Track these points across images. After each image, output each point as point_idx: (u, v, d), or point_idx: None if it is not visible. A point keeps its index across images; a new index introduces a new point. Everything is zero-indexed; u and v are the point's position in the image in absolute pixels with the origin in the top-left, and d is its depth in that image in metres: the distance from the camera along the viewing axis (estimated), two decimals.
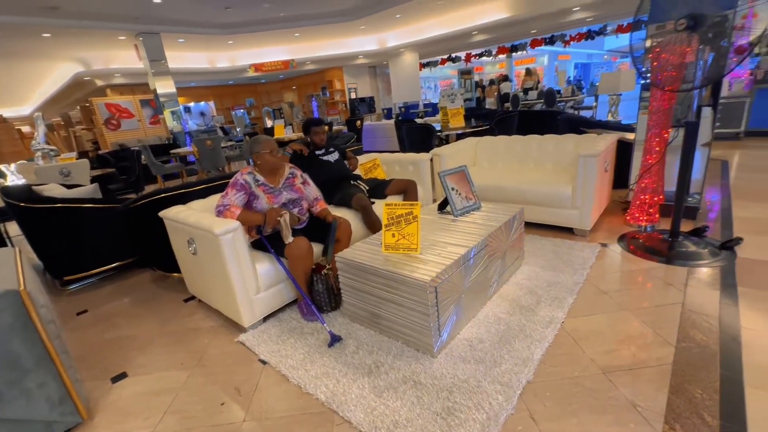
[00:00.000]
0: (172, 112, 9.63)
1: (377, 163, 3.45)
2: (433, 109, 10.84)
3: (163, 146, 8.87)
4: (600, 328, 1.83)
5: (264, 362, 1.85)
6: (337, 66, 14.37)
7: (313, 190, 2.43)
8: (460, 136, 5.08)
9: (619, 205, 3.33)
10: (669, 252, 2.44)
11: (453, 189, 2.36)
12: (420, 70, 13.86)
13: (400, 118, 10.61)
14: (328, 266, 2.14)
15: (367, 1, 8.68)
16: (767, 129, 5.52)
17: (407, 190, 2.94)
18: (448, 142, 5.39)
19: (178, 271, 2.61)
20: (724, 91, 5.21)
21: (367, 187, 2.94)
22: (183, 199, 2.53)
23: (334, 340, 1.89)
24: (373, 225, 2.62)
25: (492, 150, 3.73)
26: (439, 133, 4.91)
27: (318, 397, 1.58)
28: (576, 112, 8.84)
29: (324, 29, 10.39)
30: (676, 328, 1.76)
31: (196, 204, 2.41)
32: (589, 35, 10.31)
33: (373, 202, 2.74)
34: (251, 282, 2.03)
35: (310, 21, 9.65)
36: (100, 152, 10.28)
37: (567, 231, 2.94)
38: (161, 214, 2.34)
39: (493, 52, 12.49)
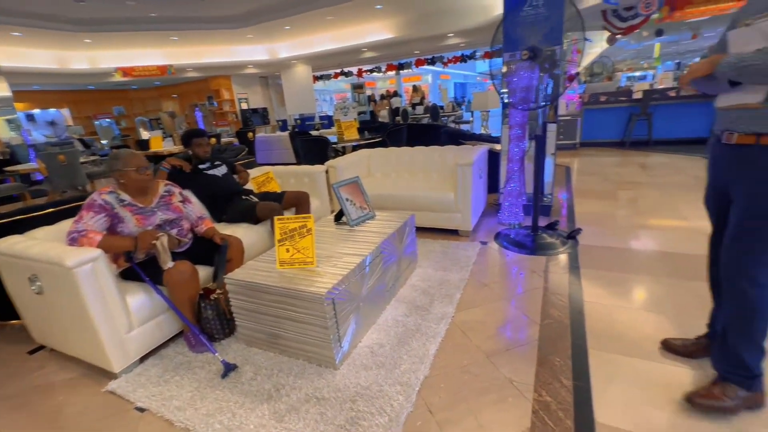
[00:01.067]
0: (8, 121, 7.82)
1: (270, 176, 3.32)
2: (329, 121, 10.92)
3: None
4: (483, 317, 2.06)
5: (142, 410, 1.60)
6: (225, 75, 13.49)
7: (195, 209, 2.21)
8: (355, 148, 5.22)
9: (494, 207, 3.82)
10: (532, 245, 2.88)
11: (347, 200, 2.41)
12: (314, 82, 13.88)
13: (296, 129, 10.44)
14: (218, 290, 1.97)
15: (252, 10, 8.39)
16: (594, 140, 6.98)
17: (300, 203, 2.89)
18: (345, 154, 5.49)
19: (18, 316, 2.10)
20: (563, 110, 6.42)
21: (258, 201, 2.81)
22: (20, 227, 2.06)
23: (228, 369, 1.74)
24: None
25: (384, 161, 3.92)
26: (335, 145, 4.97)
27: None
28: (457, 126, 9.89)
29: (207, 35, 9.68)
30: (539, 308, 2.08)
31: (40, 232, 1.98)
32: (463, 59, 11.68)
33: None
34: (121, 319, 1.75)
35: (188, 25, 8.89)
36: None
37: (453, 233, 3.25)
38: None
39: (383, 69, 13.21)
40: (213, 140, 6.26)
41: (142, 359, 1.90)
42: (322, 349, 1.71)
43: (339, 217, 2.50)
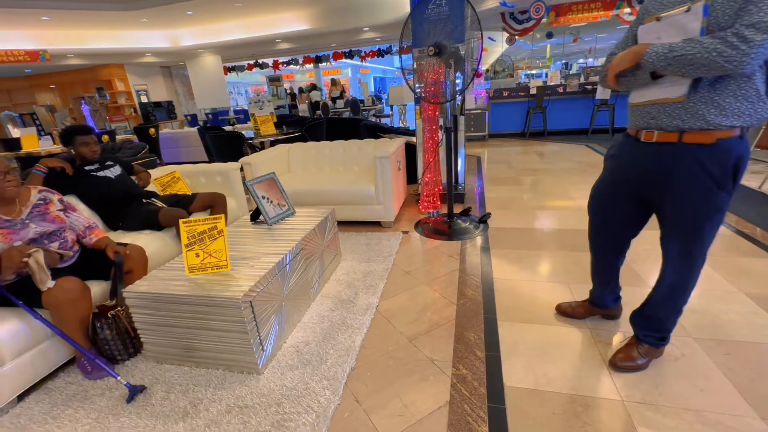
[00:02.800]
0: None
1: (177, 176, 3.04)
2: (245, 116, 10.31)
3: None
4: (406, 304, 2.14)
5: None
6: (117, 63, 11.90)
7: (81, 218, 1.93)
8: (273, 143, 5.01)
9: (414, 198, 3.98)
10: (449, 231, 3.07)
11: (263, 197, 2.31)
12: (225, 74, 12.95)
13: (207, 124, 9.65)
14: (118, 307, 1.75)
15: None
16: (501, 132, 7.64)
17: (215, 205, 2.70)
18: (262, 149, 5.24)
19: None
20: (471, 105, 6.91)
21: (164, 206, 2.55)
22: None
23: (134, 392, 1.57)
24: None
25: (304, 156, 3.83)
26: (251, 141, 4.71)
27: None
28: (378, 120, 10.04)
29: (89, 16, 8.39)
30: (456, 289, 2.24)
31: None
32: (380, 53, 11.86)
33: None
34: None
35: (61, 3, 7.61)
36: None
37: (376, 225, 3.32)
38: None
39: (300, 61, 12.83)
40: (105, 138, 5.50)
41: (21, 396, 1.62)
42: (243, 356, 1.63)
43: (256, 216, 2.39)
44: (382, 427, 1.38)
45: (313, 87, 11.98)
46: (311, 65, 13.71)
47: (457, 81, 3.02)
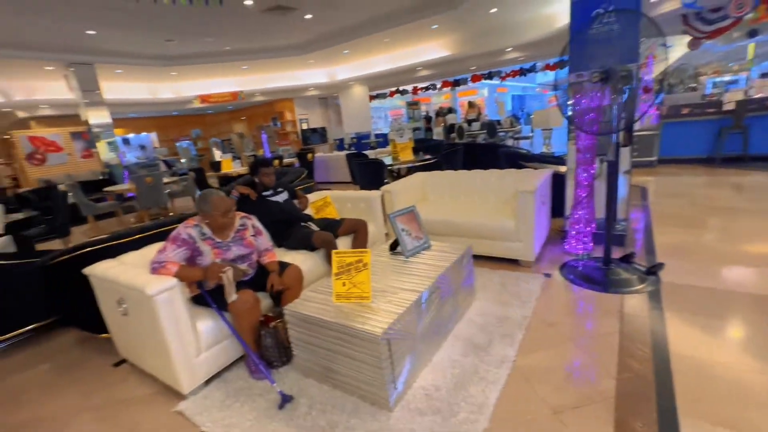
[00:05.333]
0: (109, 143, 8.98)
1: (328, 200, 3.42)
2: (384, 139, 11.13)
3: (96, 182, 8.19)
4: (549, 363, 1.89)
5: None
6: (288, 97, 14.39)
7: (264, 241, 2.31)
8: (410, 170, 5.22)
9: (558, 234, 3.56)
10: (604, 280, 2.62)
11: (403, 230, 2.39)
12: (370, 101, 14.27)
13: (352, 148, 10.75)
14: (279, 320, 2.03)
15: (315, 38, 8.90)
16: (674, 157, 6.29)
17: (358, 230, 2.92)
18: (399, 175, 5.52)
19: (106, 330, 2.34)
20: (637, 125, 5.89)
21: (318, 229, 2.89)
22: (113, 251, 2.32)
23: (285, 400, 1.77)
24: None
25: (440, 185, 3.86)
26: (390, 167, 5.02)
27: None
28: (516, 142, 9.51)
29: (273, 62, 10.43)
30: (615, 358, 1.86)
31: (129, 257, 2.21)
32: (522, 72, 11.29)
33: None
34: (191, 343, 1.87)
35: (257, 55, 9.66)
36: (20, 191, 9.28)
37: (513, 262, 3.07)
38: (86, 271, 2.11)
39: (438, 86, 13.22)
40: (276, 162, 6.65)
41: (208, 381, 2.01)
42: (377, 389, 1.68)
43: (394, 246, 2.48)
44: None
45: (449, 110, 12.15)
46: (448, 88, 13.98)
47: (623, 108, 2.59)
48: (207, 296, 1.97)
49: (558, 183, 3.64)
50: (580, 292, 2.57)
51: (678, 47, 8.67)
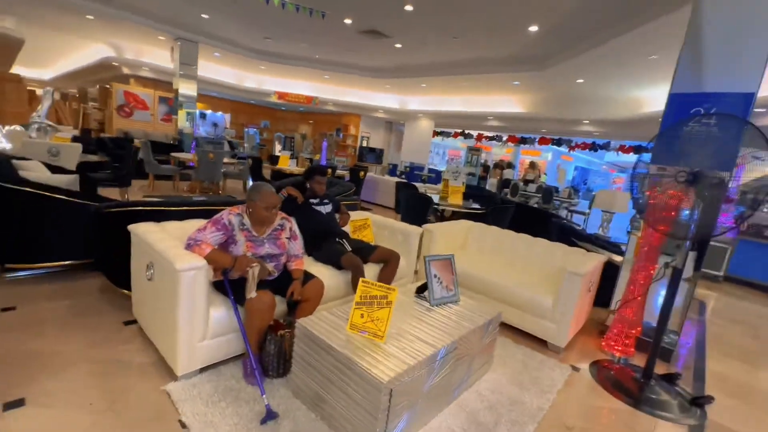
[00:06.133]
0: (188, 113, 9.70)
1: (368, 223, 3.40)
2: (436, 176, 11.14)
3: (166, 145, 8.84)
4: None
5: (184, 425, 1.63)
6: (356, 113, 14.96)
7: (296, 246, 2.31)
8: (455, 213, 5.12)
9: (597, 326, 3.27)
10: (638, 394, 2.33)
11: (435, 276, 2.29)
12: (433, 136, 14.46)
13: (403, 176, 10.84)
14: (288, 330, 1.98)
15: (399, 66, 9.24)
16: (745, 278, 5.69)
17: (389, 261, 2.85)
18: (443, 216, 5.43)
19: (129, 288, 2.41)
20: None
21: (350, 248, 2.85)
22: (159, 215, 2.41)
23: (269, 417, 1.69)
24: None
25: (483, 239, 3.72)
26: (436, 206, 4.95)
27: None
28: (569, 215, 9.11)
29: (352, 78, 10.93)
30: None
31: (171, 225, 2.29)
32: (593, 146, 10.97)
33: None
34: (199, 327, 1.86)
35: (341, 68, 10.17)
36: (102, 135, 10.22)
37: (541, 342, 2.83)
38: (131, 228, 2.20)
39: (504, 138, 13.15)
40: (329, 171, 6.83)
41: (202, 369, 1.98)
42: None
43: (422, 290, 2.38)
44: None
45: (509, 164, 11.99)
46: (513, 143, 13.87)
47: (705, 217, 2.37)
48: (228, 285, 1.97)
49: (609, 272, 3.38)
50: (608, 399, 2.30)
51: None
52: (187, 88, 9.36)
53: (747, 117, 2.48)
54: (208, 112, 13.72)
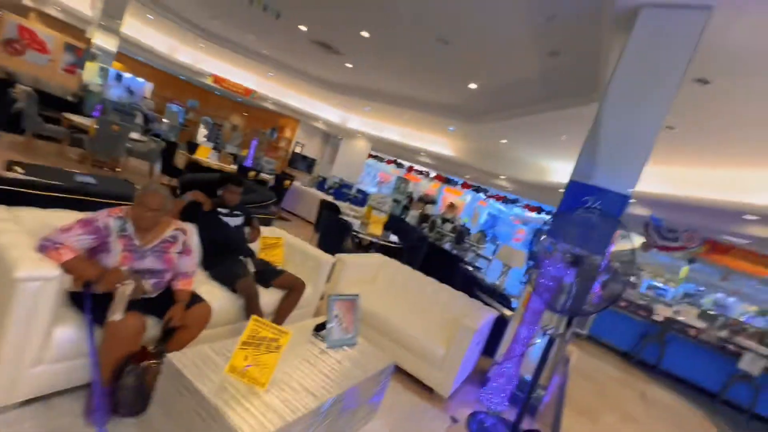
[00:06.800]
0: (100, 69, 8.40)
1: (280, 243, 3.21)
2: (362, 196, 11.21)
3: (61, 101, 7.48)
4: None
5: None
6: (295, 117, 14.55)
7: (188, 263, 2.02)
8: (372, 243, 5.15)
9: (480, 377, 3.47)
10: None
11: (336, 316, 2.21)
12: (367, 157, 14.65)
13: (331, 191, 10.70)
14: (153, 362, 1.70)
15: (346, 83, 9.27)
16: (602, 339, 6.66)
17: (293, 289, 2.70)
18: (361, 244, 5.42)
19: None
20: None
21: (254, 270, 2.64)
22: (18, 196, 1.96)
23: None
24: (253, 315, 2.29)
25: (393, 277, 3.76)
26: (355, 233, 4.93)
27: None
28: (476, 257, 9.85)
29: (298, 82, 10.65)
30: None
31: (28, 213, 1.86)
32: (505, 199, 12.16)
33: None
34: (32, 350, 1.50)
35: (287, 71, 9.85)
36: None
37: (428, 389, 2.90)
38: None
39: (431, 175, 13.89)
40: (252, 174, 6.42)
41: (28, 401, 1.59)
42: None
43: (320, 328, 2.27)
44: None
45: (433, 201, 12.62)
46: (439, 182, 14.71)
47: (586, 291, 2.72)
48: (87, 301, 1.63)
49: (499, 324, 3.65)
50: None
51: (631, 242, 9.75)
52: (104, 42, 8.18)
53: (619, 214, 2.94)
54: (127, 75, 12.13)
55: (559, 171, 8.60)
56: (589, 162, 3.14)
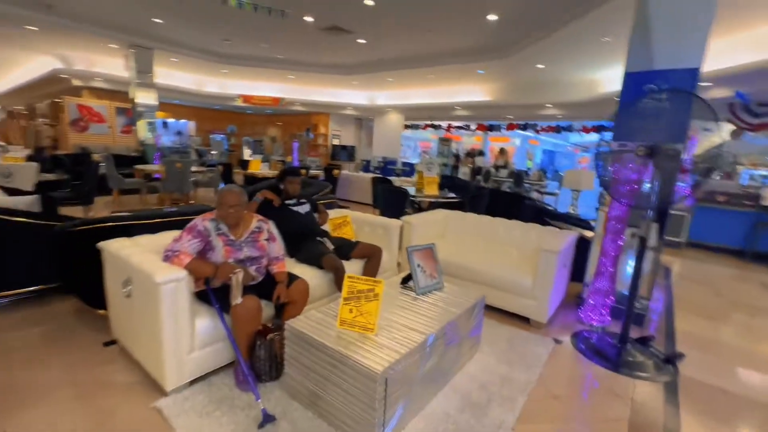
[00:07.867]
0: (149, 123, 9.29)
1: (347, 220, 3.40)
2: (410, 168, 11.21)
3: (129, 158, 8.45)
4: None
5: None
6: (325, 112, 14.80)
7: (276, 248, 2.29)
8: (433, 204, 5.20)
9: (575, 300, 3.42)
10: (617, 359, 2.47)
11: (419, 266, 2.33)
12: (403, 130, 14.51)
13: (377, 171, 10.85)
14: (277, 333, 1.97)
15: (364, 61, 9.20)
16: (705, 243, 6.08)
17: (372, 256, 2.87)
18: (421, 208, 5.50)
19: (105, 307, 2.32)
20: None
21: (332, 247, 2.85)
22: (130, 229, 2.33)
23: (266, 420, 1.69)
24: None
25: (461, 226, 3.80)
26: (413, 198, 5.01)
27: None
28: (541, 196, 9.42)
29: (318, 77, 10.80)
30: None
31: (144, 239, 2.22)
32: (558, 129, 11.35)
33: None
34: (186, 339, 1.82)
35: (305, 67, 10.02)
36: (57, 152, 9.65)
37: (524, 320, 2.94)
38: (101, 245, 2.12)
39: (472, 128, 13.39)
40: (303, 171, 6.75)
41: (193, 382, 1.94)
42: (363, 429, 1.58)
43: (406, 280, 2.42)
44: None
45: (480, 153, 12.22)
46: (481, 132, 14.13)
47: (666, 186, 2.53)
48: (212, 294, 1.93)
49: (582, 247, 3.54)
50: (589, 366, 2.42)
51: (719, 134, 8.60)
52: (145, 97, 8.97)
53: (693, 90, 2.65)
54: (171, 120, 13.22)
55: (612, 79, 7.81)
56: (644, 47, 2.86)
